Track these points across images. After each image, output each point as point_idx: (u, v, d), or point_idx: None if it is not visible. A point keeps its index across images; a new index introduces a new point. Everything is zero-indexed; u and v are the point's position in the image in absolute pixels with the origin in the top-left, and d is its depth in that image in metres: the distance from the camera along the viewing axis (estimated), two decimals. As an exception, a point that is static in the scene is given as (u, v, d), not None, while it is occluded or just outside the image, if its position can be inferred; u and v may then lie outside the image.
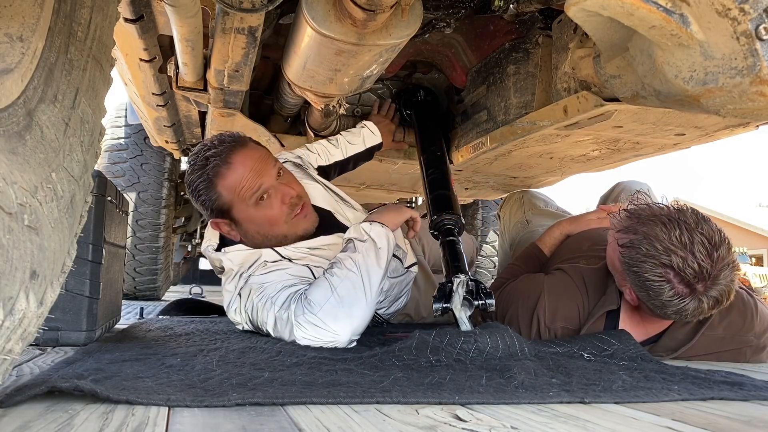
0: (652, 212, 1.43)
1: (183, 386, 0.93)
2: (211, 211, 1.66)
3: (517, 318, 1.62)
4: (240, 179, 1.60)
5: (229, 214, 1.65)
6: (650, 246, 1.36)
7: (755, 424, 0.89)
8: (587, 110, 1.57)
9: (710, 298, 1.32)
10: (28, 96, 0.77)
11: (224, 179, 1.60)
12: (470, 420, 0.82)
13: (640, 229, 1.40)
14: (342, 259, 1.53)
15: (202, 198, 1.63)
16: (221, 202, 1.63)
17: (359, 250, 1.53)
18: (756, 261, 18.72)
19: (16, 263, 0.66)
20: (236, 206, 1.63)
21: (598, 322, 1.54)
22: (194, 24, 1.48)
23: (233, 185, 1.61)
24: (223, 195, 1.62)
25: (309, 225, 1.74)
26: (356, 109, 2.51)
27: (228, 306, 1.68)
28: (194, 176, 1.63)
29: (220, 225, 1.69)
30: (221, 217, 1.67)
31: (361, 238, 1.57)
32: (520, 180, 2.73)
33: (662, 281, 1.33)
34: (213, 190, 1.61)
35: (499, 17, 1.89)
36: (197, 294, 3.84)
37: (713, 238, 1.34)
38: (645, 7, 0.92)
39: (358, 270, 1.49)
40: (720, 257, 1.32)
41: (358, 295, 1.45)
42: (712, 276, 1.31)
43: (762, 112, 0.95)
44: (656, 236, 1.36)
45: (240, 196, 1.61)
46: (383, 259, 1.54)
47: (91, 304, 1.45)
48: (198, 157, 1.63)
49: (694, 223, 1.36)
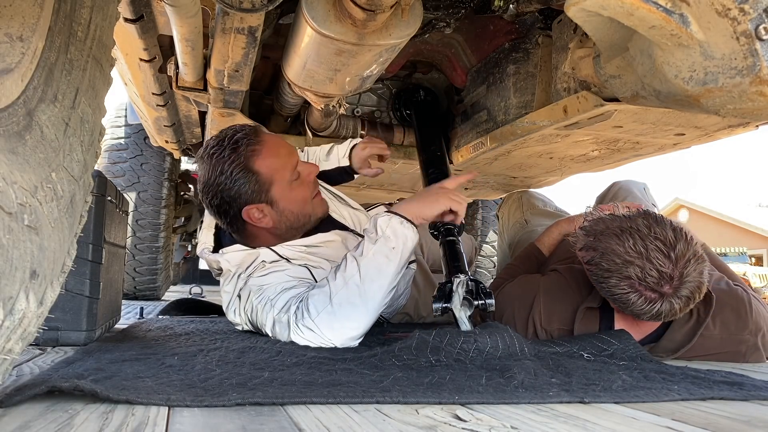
0: (606, 226, 1.45)
1: (183, 386, 0.93)
2: (246, 197, 1.59)
3: (514, 320, 1.63)
4: (276, 155, 1.60)
5: (267, 195, 1.60)
6: (609, 261, 1.39)
7: (755, 424, 0.89)
8: (587, 110, 1.57)
9: (681, 298, 1.35)
10: (28, 96, 0.77)
11: (262, 157, 1.57)
12: (470, 420, 0.82)
13: (598, 245, 1.43)
14: (348, 261, 1.45)
15: (239, 183, 1.56)
16: (261, 181, 1.58)
17: (365, 254, 1.43)
18: (756, 261, 18.72)
19: (16, 263, 0.66)
20: (276, 183, 1.60)
21: (590, 320, 1.55)
22: (194, 24, 1.48)
23: (271, 162, 1.58)
24: (262, 173, 1.58)
25: (325, 208, 1.76)
26: (356, 109, 2.51)
27: (227, 307, 1.68)
28: (225, 164, 1.55)
29: (251, 211, 1.60)
30: (257, 201, 1.60)
31: (372, 234, 1.45)
32: (520, 180, 2.73)
33: (629, 292, 1.37)
34: (251, 170, 1.56)
35: (499, 17, 1.90)
36: (197, 294, 3.84)
37: (668, 239, 1.36)
38: (645, 7, 0.92)
39: (360, 277, 1.41)
40: (679, 255, 1.34)
41: (355, 305, 1.40)
42: (675, 276, 1.33)
43: (762, 112, 0.95)
44: (612, 250, 1.39)
45: (279, 172, 1.60)
46: (395, 261, 1.43)
47: (91, 304, 1.45)
48: (222, 147, 1.57)
49: (646, 228, 1.38)
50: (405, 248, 1.45)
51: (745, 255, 16.42)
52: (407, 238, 1.45)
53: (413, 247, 1.48)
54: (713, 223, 21.24)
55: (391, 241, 1.43)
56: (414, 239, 1.47)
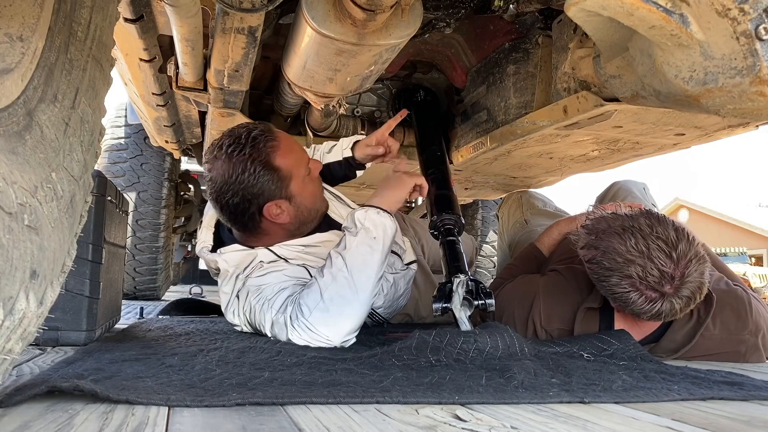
0: (608, 225, 1.45)
1: (183, 386, 0.93)
2: (268, 193, 1.60)
3: (513, 320, 1.62)
4: (293, 150, 1.64)
5: (287, 190, 1.62)
6: (611, 260, 1.39)
7: (755, 424, 0.89)
8: (587, 110, 1.57)
9: (682, 298, 1.35)
10: (28, 96, 0.77)
11: (280, 153, 1.60)
12: (470, 420, 0.82)
13: (599, 244, 1.43)
14: (332, 257, 1.48)
15: (263, 180, 1.57)
16: (282, 176, 1.60)
17: (349, 247, 1.48)
18: (756, 261, 18.73)
19: (16, 263, 0.66)
20: (295, 178, 1.63)
21: (590, 321, 1.55)
22: (194, 24, 1.48)
23: (290, 158, 1.62)
24: (282, 168, 1.60)
25: (327, 204, 1.81)
26: (356, 109, 2.51)
27: (226, 308, 1.68)
28: (248, 162, 1.56)
29: (271, 208, 1.62)
30: (278, 197, 1.61)
31: (352, 229, 1.51)
32: (520, 180, 2.73)
33: (630, 291, 1.36)
34: (271, 165, 1.58)
35: (499, 17, 1.89)
36: (197, 294, 3.84)
37: (669, 238, 1.36)
38: (645, 7, 0.92)
39: (347, 270, 1.44)
40: (681, 255, 1.34)
41: (346, 298, 1.42)
42: (677, 276, 1.33)
43: (762, 112, 0.95)
44: (614, 249, 1.38)
45: (296, 168, 1.63)
46: (378, 251, 1.48)
47: (91, 304, 1.45)
48: (241, 144, 1.57)
49: (648, 228, 1.38)
50: (386, 236, 1.50)
51: (745, 255, 16.43)
52: (386, 227, 1.51)
53: (393, 235, 1.53)
54: (713, 223, 21.25)
55: (371, 232, 1.49)
56: (393, 227, 1.53)
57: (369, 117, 2.53)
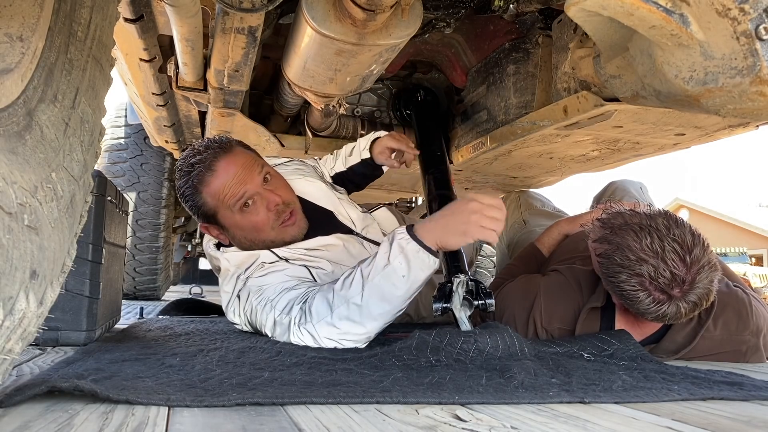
0: (624, 221, 1.43)
1: (183, 386, 0.93)
2: (198, 216, 1.68)
3: (514, 320, 1.62)
4: (223, 186, 1.59)
5: (215, 219, 1.66)
6: (623, 256, 1.37)
7: (755, 424, 0.89)
8: (587, 110, 1.57)
9: (689, 302, 1.33)
10: (28, 96, 0.77)
11: (208, 186, 1.60)
12: (470, 420, 0.82)
13: (614, 239, 1.41)
14: (354, 277, 1.38)
15: (189, 203, 1.65)
16: (206, 208, 1.63)
17: (372, 277, 1.35)
18: (756, 261, 18.73)
19: (16, 263, 0.66)
20: (221, 212, 1.63)
21: (591, 320, 1.54)
22: (194, 24, 1.48)
23: (217, 192, 1.60)
24: (207, 201, 1.62)
25: (297, 232, 1.71)
26: (356, 108, 2.51)
27: (226, 307, 1.69)
28: (181, 182, 1.64)
29: (210, 229, 1.71)
30: (209, 222, 1.68)
31: (384, 254, 1.35)
32: (520, 180, 2.73)
33: (638, 290, 1.35)
34: (198, 196, 1.61)
35: (499, 17, 1.90)
36: (197, 294, 3.84)
37: (685, 242, 1.34)
38: (645, 7, 0.92)
39: (362, 299, 1.35)
40: (694, 260, 1.32)
41: (355, 323, 1.38)
42: (687, 280, 1.32)
43: (762, 112, 0.95)
44: (628, 246, 1.37)
45: (224, 202, 1.61)
46: (403, 290, 1.34)
47: (91, 304, 1.45)
48: (184, 163, 1.63)
49: (665, 229, 1.36)
50: (417, 278, 1.34)
51: (745, 255, 16.42)
52: (423, 267, 1.33)
53: (428, 277, 1.37)
54: (713, 223, 21.24)
55: (402, 269, 1.33)
56: (432, 267, 1.34)
57: (369, 117, 2.53)
